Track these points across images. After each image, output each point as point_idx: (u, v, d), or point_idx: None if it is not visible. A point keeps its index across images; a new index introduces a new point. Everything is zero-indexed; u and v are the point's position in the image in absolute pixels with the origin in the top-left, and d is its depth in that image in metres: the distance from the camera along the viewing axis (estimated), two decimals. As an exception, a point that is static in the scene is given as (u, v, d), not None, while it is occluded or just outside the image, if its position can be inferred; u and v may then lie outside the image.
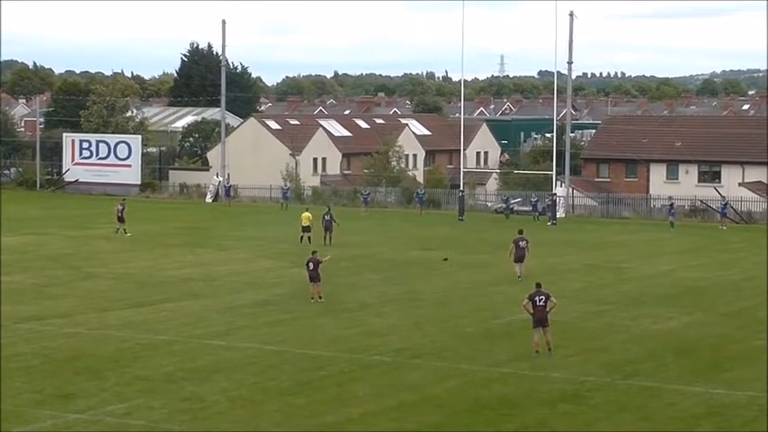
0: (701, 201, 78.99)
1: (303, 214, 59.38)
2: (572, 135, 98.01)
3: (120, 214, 63.19)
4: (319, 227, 58.70)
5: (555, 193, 78.42)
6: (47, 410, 25.88)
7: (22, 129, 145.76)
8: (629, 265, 53.57)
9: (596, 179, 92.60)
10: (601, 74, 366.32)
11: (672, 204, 74.11)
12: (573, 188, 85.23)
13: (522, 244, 47.21)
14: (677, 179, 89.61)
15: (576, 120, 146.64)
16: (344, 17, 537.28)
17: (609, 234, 67.52)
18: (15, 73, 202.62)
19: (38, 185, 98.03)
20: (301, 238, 57.86)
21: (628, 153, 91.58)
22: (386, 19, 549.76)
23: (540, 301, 32.22)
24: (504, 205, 79.88)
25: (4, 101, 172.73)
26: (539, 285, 32.87)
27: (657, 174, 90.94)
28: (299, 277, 45.86)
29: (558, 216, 76.56)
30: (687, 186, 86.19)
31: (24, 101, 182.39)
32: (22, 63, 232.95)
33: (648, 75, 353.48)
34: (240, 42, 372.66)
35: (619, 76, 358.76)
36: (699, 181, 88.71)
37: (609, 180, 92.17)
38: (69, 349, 32.57)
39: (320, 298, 41.08)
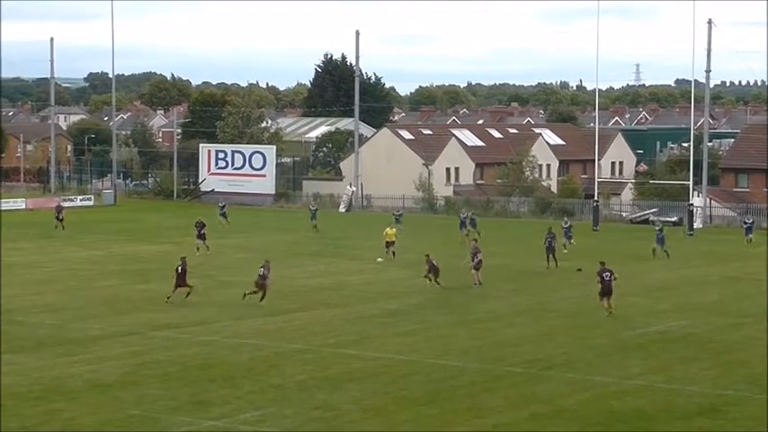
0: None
1: (387, 231, 58.97)
2: (710, 144, 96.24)
3: (200, 231, 60.60)
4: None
5: (692, 204, 77.12)
6: (182, 417, 26.25)
7: (160, 139, 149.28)
8: (769, 276, 52.21)
9: (735, 189, 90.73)
10: (740, 82, 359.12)
11: (752, 222, 70.28)
12: (710, 198, 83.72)
13: (549, 239, 55.02)
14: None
15: (714, 129, 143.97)
16: (477, 27, 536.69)
17: (748, 245, 65.96)
18: (154, 84, 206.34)
19: (174, 195, 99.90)
20: (388, 252, 57.35)
21: None
22: (518, 29, 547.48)
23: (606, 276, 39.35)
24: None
25: (142, 112, 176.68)
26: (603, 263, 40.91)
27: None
28: (430, 287, 45.93)
29: (695, 227, 75.34)
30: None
31: (162, 112, 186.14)
32: (161, 75, 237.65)
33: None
34: (373, 53, 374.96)
35: (758, 84, 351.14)
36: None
37: (748, 190, 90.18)
38: (204, 357, 33.02)
39: (480, 283, 46.75)
